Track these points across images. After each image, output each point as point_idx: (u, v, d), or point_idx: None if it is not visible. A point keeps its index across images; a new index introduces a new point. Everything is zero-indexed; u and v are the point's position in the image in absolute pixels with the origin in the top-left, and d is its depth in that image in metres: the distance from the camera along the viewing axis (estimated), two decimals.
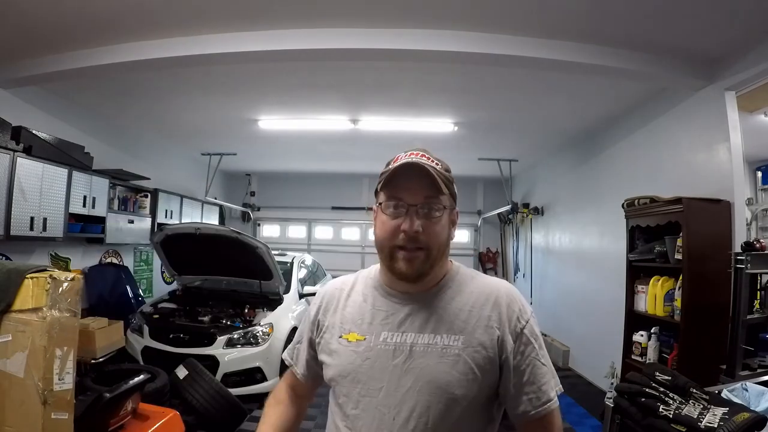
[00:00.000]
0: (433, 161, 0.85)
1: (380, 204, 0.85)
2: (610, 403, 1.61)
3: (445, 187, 0.83)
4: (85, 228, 4.03)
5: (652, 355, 2.75)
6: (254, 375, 3.58)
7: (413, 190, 0.82)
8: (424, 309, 0.85)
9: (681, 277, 2.58)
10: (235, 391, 3.26)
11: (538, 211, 6.03)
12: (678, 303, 2.59)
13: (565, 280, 5.25)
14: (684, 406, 1.38)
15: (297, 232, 8.39)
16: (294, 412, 1.01)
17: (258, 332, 3.68)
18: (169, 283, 5.82)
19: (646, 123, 3.63)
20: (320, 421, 3.11)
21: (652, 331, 2.78)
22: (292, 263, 4.92)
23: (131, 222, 4.79)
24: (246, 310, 3.97)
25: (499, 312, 0.84)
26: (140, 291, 4.87)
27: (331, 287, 0.98)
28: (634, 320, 2.98)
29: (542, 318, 5.12)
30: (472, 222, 7.91)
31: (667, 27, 2.48)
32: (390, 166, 0.85)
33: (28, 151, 3.26)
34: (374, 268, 0.95)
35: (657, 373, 1.51)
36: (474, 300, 0.85)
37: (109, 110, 4.36)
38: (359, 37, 2.66)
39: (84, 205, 3.92)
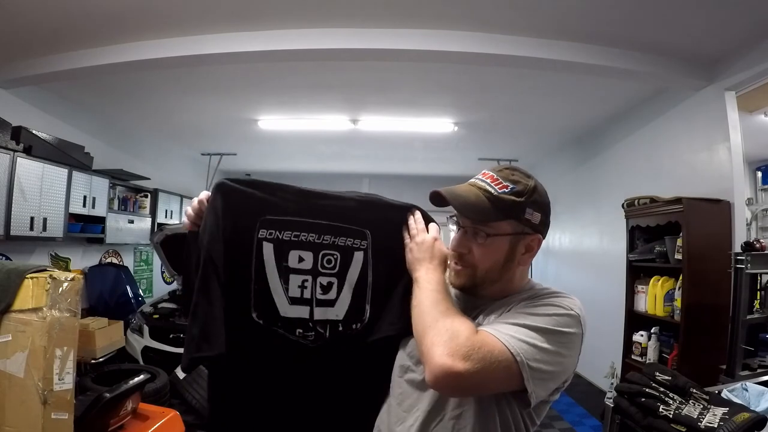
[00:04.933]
0: (498, 184, 0.82)
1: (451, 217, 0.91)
2: (610, 403, 1.61)
3: (500, 215, 0.81)
4: (85, 228, 4.02)
5: (652, 355, 2.75)
6: None
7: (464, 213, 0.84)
8: (492, 312, 0.86)
9: (681, 277, 2.58)
10: None
11: None
12: (678, 303, 2.59)
13: (565, 280, 5.24)
14: (684, 406, 1.38)
15: None
16: None
17: None
18: (169, 283, 5.82)
19: (647, 123, 3.62)
20: None
21: (652, 331, 2.78)
22: None
23: (131, 222, 4.79)
24: None
25: None
26: (140, 291, 4.87)
27: None
28: (634, 320, 2.98)
29: None
30: None
31: (667, 27, 2.48)
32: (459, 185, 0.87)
33: (28, 151, 3.25)
34: None
35: (657, 373, 1.51)
36: None
37: (109, 110, 4.35)
38: (359, 37, 2.65)
39: (84, 205, 3.91)
